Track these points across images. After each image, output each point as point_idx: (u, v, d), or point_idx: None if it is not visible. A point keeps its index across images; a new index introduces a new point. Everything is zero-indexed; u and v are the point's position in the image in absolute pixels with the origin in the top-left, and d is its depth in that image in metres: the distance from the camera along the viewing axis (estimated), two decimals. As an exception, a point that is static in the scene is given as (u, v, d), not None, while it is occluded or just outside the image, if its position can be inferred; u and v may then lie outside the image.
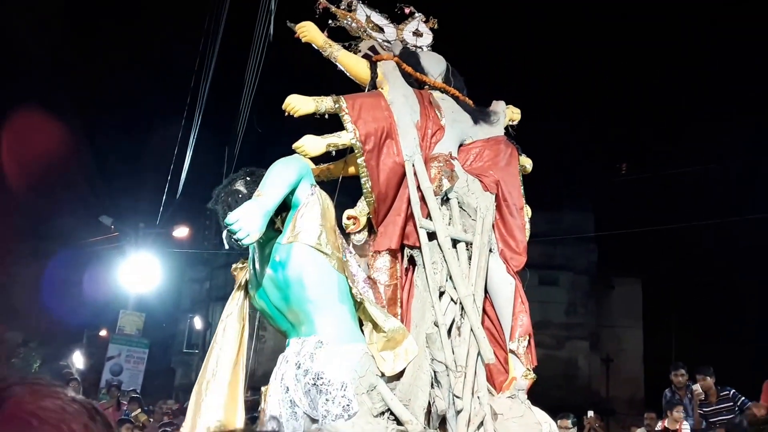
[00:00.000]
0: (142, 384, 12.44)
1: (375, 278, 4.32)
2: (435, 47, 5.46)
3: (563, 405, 10.02)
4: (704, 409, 8.56)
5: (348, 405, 3.66)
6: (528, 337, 4.54)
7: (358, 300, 3.89)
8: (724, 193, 21.54)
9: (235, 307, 4.17)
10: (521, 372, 4.46)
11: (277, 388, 3.86)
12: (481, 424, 4.06)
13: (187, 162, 10.10)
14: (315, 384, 3.69)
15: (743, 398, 8.33)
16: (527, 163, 5.24)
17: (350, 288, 3.90)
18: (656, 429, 8.57)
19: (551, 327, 23.09)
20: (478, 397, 4.11)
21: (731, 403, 8.34)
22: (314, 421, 3.74)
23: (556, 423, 6.96)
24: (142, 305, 11.71)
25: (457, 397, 3.92)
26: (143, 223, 11.30)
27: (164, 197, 9.81)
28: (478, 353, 4.13)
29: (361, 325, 4.03)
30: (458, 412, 3.93)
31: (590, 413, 11.05)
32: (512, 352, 4.48)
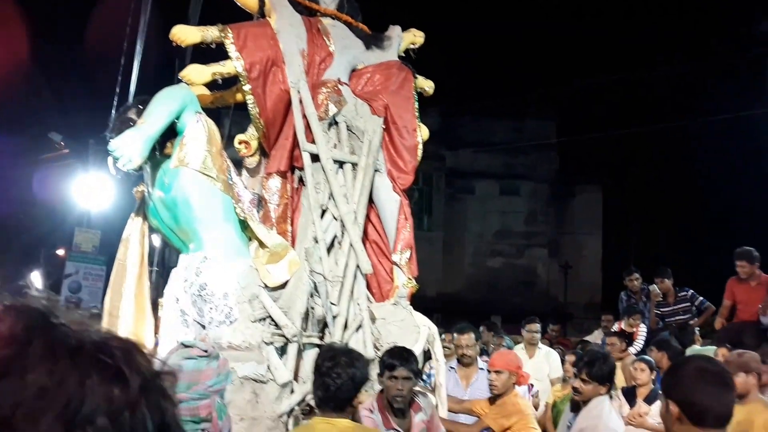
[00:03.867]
0: (102, 300, 12.75)
1: (267, 198, 4.67)
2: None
3: (523, 311, 10.51)
4: (662, 309, 8.74)
5: (230, 312, 4.09)
6: (410, 250, 4.96)
7: (242, 219, 4.25)
8: (685, 96, 21.78)
9: (135, 226, 4.52)
10: (403, 281, 4.90)
11: (169, 299, 4.27)
12: (360, 327, 4.54)
13: (134, 79, 10.17)
14: (200, 295, 4.11)
15: (701, 299, 8.53)
16: (426, 85, 5.49)
17: (235, 208, 4.26)
18: (612, 329, 8.74)
19: (511, 236, 23.80)
20: (358, 304, 4.57)
21: (689, 304, 8.54)
22: (203, 327, 4.17)
23: (524, 327, 7.50)
24: (98, 222, 11.96)
25: (333, 304, 4.37)
26: (93, 139, 11.42)
27: (113, 114, 9.94)
28: (357, 265, 4.55)
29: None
30: (335, 317, 4.39)
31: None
32: (395, 263, 4.90)
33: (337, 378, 2.84)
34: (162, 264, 10.48)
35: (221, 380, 2.15)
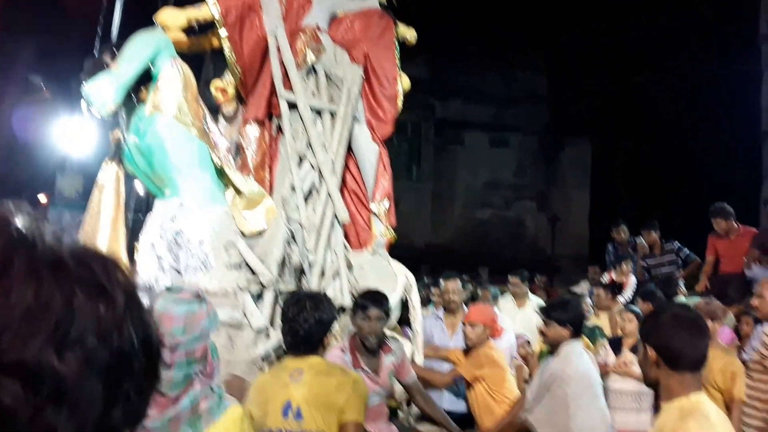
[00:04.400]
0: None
1: (244, 146, 4.66)
2: None
3: (510, 263, 10.57)
4: (648, 262, 8.76)
5: (205, 259, 4.11)
6: (388, 200, 4.99)
7: (218, 166, 4.25)
8: (677, 50, 21.61)
9: (110, 172, 4.50)
10: (381, 231, 4.94)
11: (145, 244, 4.29)
12: (337, 275, 4.59)
13: (116, 20, 9.97)
14: (176, 241, 4.13)
15: (687, 251, 8.54)
16: (408, 33, 5.42)
17: (211, 155, 4.25)
18: (602, 280, 8.74)
19: (500, 188, 23.81)
20: (335, 252, 4.61)
21: (675, 256, 8.56)
22: (179, 273, 4.21)
23: (509, 279, 7.57)
24: (80, 167, 11.81)
25: (310, 252, 4.41)
26: (75, 82, 11.15)
27: (96, 55, 9.78)
28: (335, 214, 4.58)
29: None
30: (311, 265, 4.44)
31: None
32: (373, 213, 4.93)
33: (304, 323, 2.87)
34: (146, 210, 10.44)
35: (212, 321, 2.18)
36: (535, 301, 7.64)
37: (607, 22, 21.88)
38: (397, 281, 4.87)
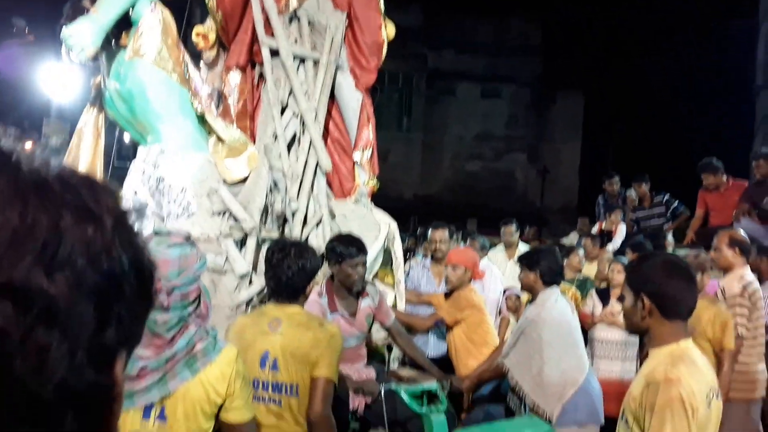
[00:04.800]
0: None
1: (226, 93, 4.64)
2: None
3: (500, 215, 10.62)
4: (637, 214, 8.81)
5: (188, 206, 4.15)
6: (371, 149, 5.00)
7: (200, 113, 4.24)
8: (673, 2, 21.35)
9: (90, 118, 4.49)
10: (364, 180, 4.97)
11: (128, 191, 4.30)
12: (319, 223, 4.64)
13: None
14: (158, 188, 4.15)
15: (676, 203, 8.58)
16: (394, -20, 5.35)
17: (192, 102, 4.24)
18: (592, 231, 8.85)
19: (491, 140, 23.76)
20: (318, 201, 4.65)
21: (664, 208, 8.60)
22: (162, 219, 4.24)
23: (503, 229, 7.61)
24: (67, 114, 11.66)
25: (292, 200, 4.44)
26: (59, 26, 10.85)
27: None
28: (317, 162, 4.59)
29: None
30: (294, 213, 4.47)
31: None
32: (356, 162, 4.95)
33: (287, 269, 2.90)
34: (133, 158, 10.37)
35: (203, 264, 2.23)
36: (524, 251, 7.67)
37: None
38: (379, 230, 4.92)
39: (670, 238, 8.16)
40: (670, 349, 2.12)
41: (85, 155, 4.40)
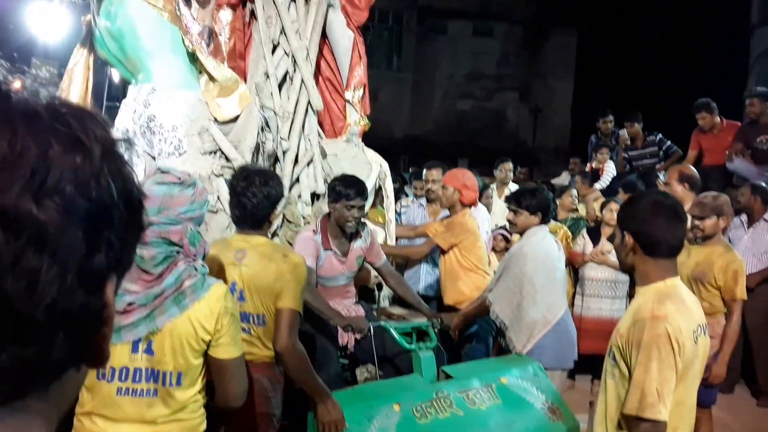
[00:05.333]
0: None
1: (217, 31, 4.60)
2: None
3: (491, 154, 10.57)
4: (630, 153, 8.76)
5: (179, 144, 4.17)
6: (363, 88, 4.99)
7: (190, 51, 4.22)
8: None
9: (80, 57, 4.46)
10: (355, 119, 4.99)
11: (119, 130, 4.31)
12: (311, 162, 4.67)
13: None
14: (149, 126, 4.16)
15: (669, 143, 8.51)
16: None
17: (183, 39, 4.21)
18: (585, 170, 8.78)
19: (483, 78, 23.50)
20: (309, 140, 4.68)
21: (656, 148, 8.54)
22: (153, 158, 4.26)
23: (497, 167, 7.59)
24: (55, 53, 11.49)
25: (284, 139, 4.47)
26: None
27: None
28: (309, 101, 4.60)
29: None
30: (285, 152, 4.51)
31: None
32: (348, 101, 4.95)
33: (252, 197, 2.86)
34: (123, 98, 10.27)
35: (195, 208, 2.20)
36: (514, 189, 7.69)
37: None
38: (371, 169, 4.96)
39: (662, 177, 8.18)
40: (657, 287, 2.15)
41: (76, 95, 4.38)
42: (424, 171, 6.02)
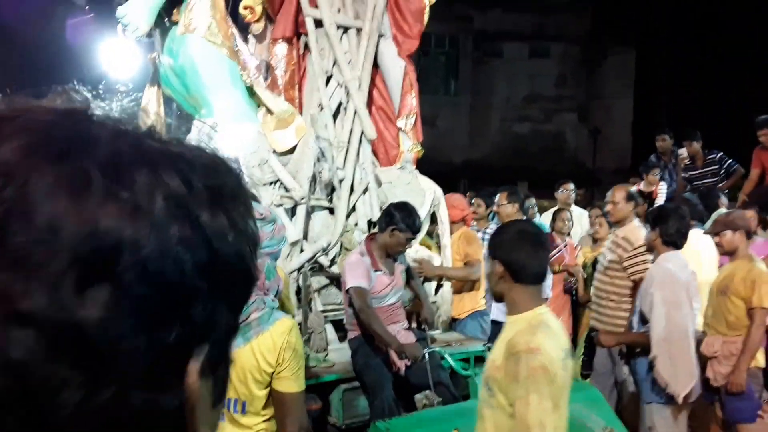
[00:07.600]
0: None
1: (274, 65, 4.77)
2: None
3: (550, 177, 10.50)
4: (690, 173, 8.42)
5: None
6: (415, 115, 5.07)
7: (248, 85, 4.38)
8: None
9: (152, 94, 4.68)
10: (408, 146, 5.06)
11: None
12: (366, 190, 4.76)
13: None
14: (211, 159, 4.31)
15: (730, 161, 8.19)
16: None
17: (241, 74, 4.38)
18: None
19: (540, 100, 23.33)
20: (364, 168, 4.77)
21: (717, 166, 8.20)
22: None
23: (559, 188, 7.46)
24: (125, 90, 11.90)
25: (339, 168, 4.57)
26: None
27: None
28: (362, 131, 4.70)
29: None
30: (341, 181, 4.61)
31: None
32: (400, 129, 5.03)
33: None
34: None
35: (273, 243, 2.28)
36: (577, 212, 7.50)
37: None
38: (425, 196, 5.01)
39: (724, 198, 7.83)
40: (527, 317, 2.23)
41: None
42: (497, 196, 5.97)
